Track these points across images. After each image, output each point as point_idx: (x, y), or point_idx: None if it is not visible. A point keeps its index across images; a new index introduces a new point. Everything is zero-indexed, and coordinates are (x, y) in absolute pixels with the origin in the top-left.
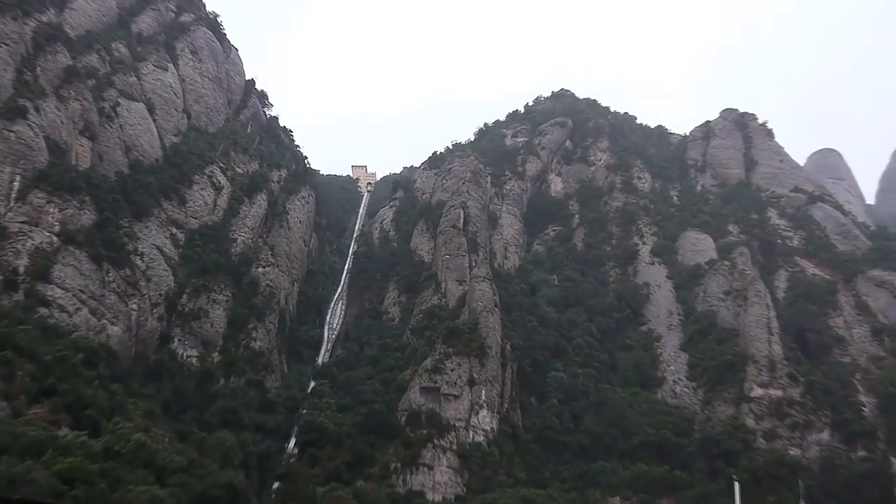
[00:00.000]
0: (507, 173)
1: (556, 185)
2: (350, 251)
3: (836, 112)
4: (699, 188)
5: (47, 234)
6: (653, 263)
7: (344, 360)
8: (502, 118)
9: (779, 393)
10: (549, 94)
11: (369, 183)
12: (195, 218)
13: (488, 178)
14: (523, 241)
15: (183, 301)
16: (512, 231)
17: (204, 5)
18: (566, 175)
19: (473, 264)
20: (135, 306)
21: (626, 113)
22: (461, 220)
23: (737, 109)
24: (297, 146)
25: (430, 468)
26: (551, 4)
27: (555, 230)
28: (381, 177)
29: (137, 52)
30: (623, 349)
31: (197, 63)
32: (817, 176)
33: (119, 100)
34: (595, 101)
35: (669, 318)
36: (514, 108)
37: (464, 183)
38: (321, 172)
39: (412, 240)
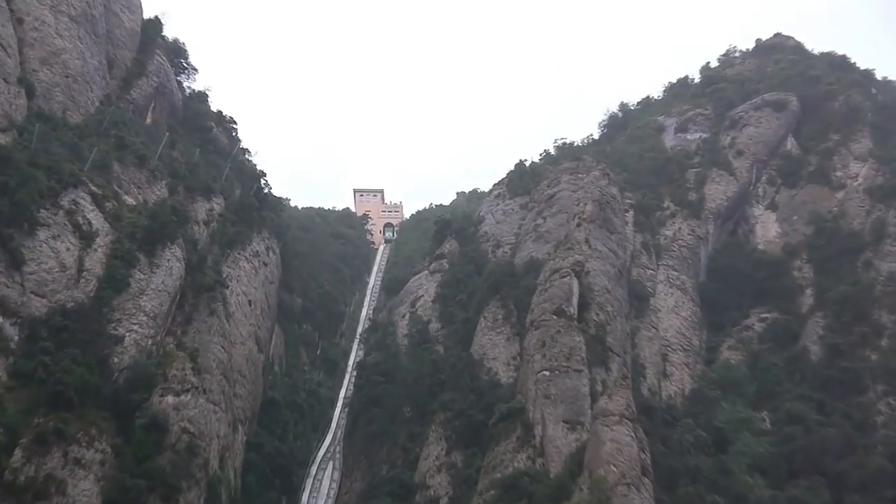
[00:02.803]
0: (665, 204)
1: (768, 228)
2: (351, 362)
3: None
4: None
5: None
6: None
7: None
8: (655, 93)
9: None
10: (751, 45)
11: (389, 224)
12: (40, 296)
13: (629, 214)
14: (700, 342)
15: (15, 462)
16: (678, 321)
17: None
18: (787, 207)
19: (600, 389)
20: None
21: None
22: (574, 300)
23: None
24: (247, 152)
25: None
26: None
27: (764, 318)
28: (412, 213)
29: None
30: None
31: None
32: None
33: None
34: (844, 58)
35: None
36: (681, 75)
37: (580, 223)
38: (293, 204)
39: (475, 339)
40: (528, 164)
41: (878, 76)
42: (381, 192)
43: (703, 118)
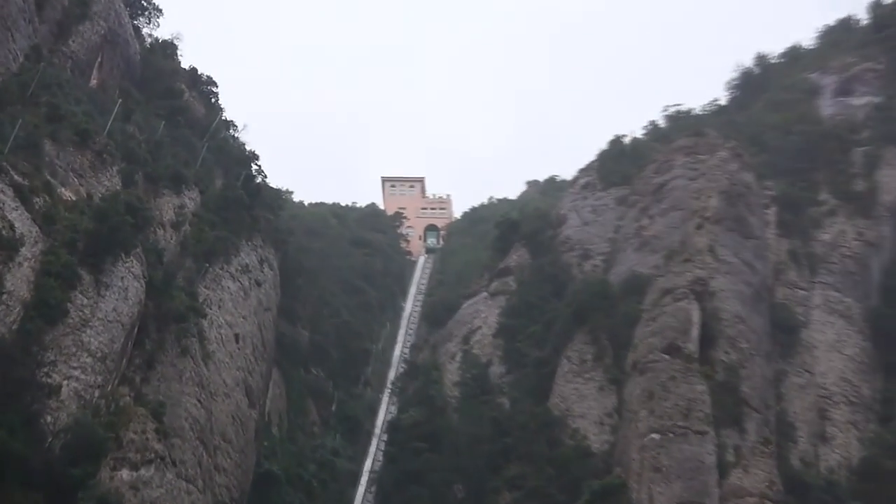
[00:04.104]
0: (822, 197)
1: None
2: (379, 421)
3: None
4: None
5: None
6: None
7: None
8: (806, 41)
9: None
10: None
11: (432, 226)
12: None
13: (770, 211)
14: (873, 391)
15: None
16: (840, 362)
17: None
18: None
19: (731, 458)
20: None
21: None
22: (694, 333)
23: None
24: (232, 126)
25: None
26: None
27: None
28: (465, 210)
29: None
30: None
31: None
32: None
33: None
34: None
35: None
36: (843, 15)
37: (701, 225)
38: (297, 199)
39: (555, 388)
40: (627, 141)
41: None
42: (421, 181)
43: (875, 76)
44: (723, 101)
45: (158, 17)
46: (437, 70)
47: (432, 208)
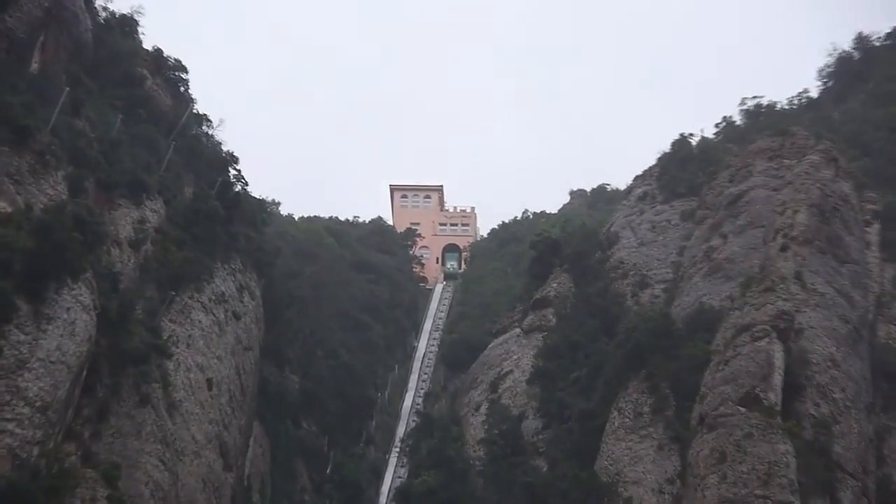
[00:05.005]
0: None
1: None
2: (386, 487)
3: None
4: None
5: None
6: None
7: None
8: None
9: None
10: None
11: (453, 247)
12: None
13: (872, 229)
14: None
15: None
16: None
17: None
18: None
19: None
20: None
21: None
22: (776, 380)
23: None
24: (206, 122)
25: None
26: None
27: None
28: (492, 227)
29: None
30: None
31: None
32: None
33: None
34: None
35: None
36: None
37: (786, 246)
38: (285, 212)
39: (604, 447)
40: (694, 142)
41: None
42: (439, 190)
43: None
44: (814, 93)
45: None
46: (458, 61)
47: (452, 224)
